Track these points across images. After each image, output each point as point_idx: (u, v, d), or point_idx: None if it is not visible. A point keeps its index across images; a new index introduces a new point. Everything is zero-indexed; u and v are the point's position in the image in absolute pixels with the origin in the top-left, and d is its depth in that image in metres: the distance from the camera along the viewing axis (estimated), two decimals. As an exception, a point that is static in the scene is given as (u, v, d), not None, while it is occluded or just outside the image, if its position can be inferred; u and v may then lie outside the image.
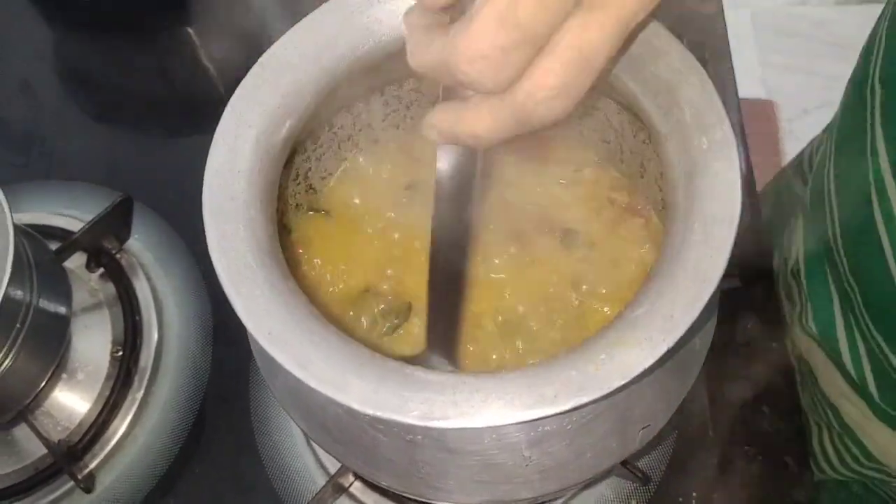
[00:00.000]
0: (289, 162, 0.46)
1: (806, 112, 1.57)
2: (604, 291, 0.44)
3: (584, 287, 0.44)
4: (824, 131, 0.66)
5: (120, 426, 0.57)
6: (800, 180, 0.67)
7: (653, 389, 0.36)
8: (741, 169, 0.35)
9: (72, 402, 0.58)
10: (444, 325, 0.39)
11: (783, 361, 0.61)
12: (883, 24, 0.47)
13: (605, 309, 0.44)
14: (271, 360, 0.32)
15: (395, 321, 0.44)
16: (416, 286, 0.44)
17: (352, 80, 0.43)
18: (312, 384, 0.31)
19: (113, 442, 0.57)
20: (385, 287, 0.44)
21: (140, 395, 0.58)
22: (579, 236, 0.46)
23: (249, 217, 0.36)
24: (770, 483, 0.57)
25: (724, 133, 0.34)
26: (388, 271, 0.45)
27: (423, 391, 0.30)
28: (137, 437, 0.57)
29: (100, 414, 0.56)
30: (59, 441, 0.55)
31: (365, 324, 0.44)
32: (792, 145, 1.54)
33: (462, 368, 0.40)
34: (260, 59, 0.40)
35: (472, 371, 0.39)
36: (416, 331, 0.43)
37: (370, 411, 0.30)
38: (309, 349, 0.32)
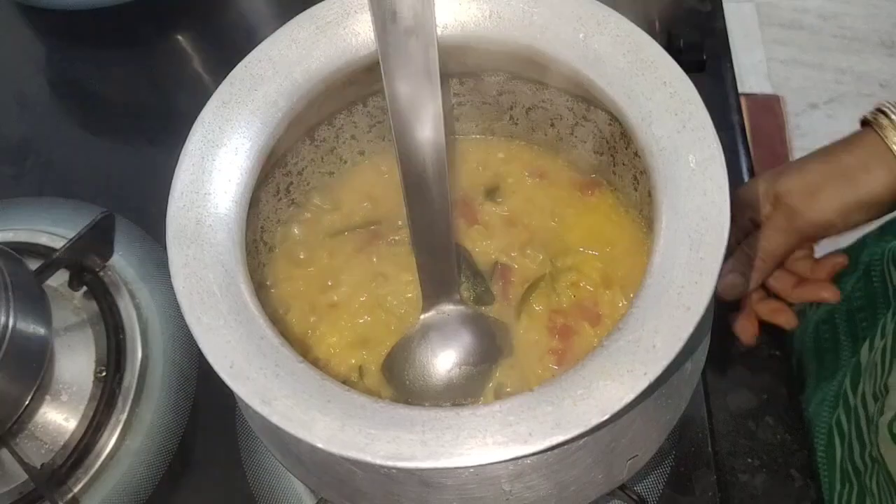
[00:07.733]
0: (269, 177, 0.45)
1: (813, 107, 1.54)
2: None
3: None
4: None
5: (104, 449, 0.55)
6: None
7: (641, 418, 0.34)
8: (743, 175, 0.33)
9: (56, 423, 0.56)
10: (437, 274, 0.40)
11: (786, 369, 0.59)
12: None
13: None
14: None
15: None
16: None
17: (329, 92, 0.41)
18: (275, 421, 0.29)
19: (97, 465, 0.55)
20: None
21: (124, 416, 0.56)
22: None
23: (216, 241, 0.34)
24: (774, 498, 0.55)
25: (712, 151, 0.33)
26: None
27: (391, 428, 0.29)
28: (122, 459, 0.56)
29: (83, 437, 0.55)
30: (43, 465, 0.54)
31: None
32: (798, 140, 1.51)
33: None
34: (230, 75, 0.38)
35: (443, 406, 0.37)
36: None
37: (335, 451, 0.28)
38: (273, 383, 0.30)
